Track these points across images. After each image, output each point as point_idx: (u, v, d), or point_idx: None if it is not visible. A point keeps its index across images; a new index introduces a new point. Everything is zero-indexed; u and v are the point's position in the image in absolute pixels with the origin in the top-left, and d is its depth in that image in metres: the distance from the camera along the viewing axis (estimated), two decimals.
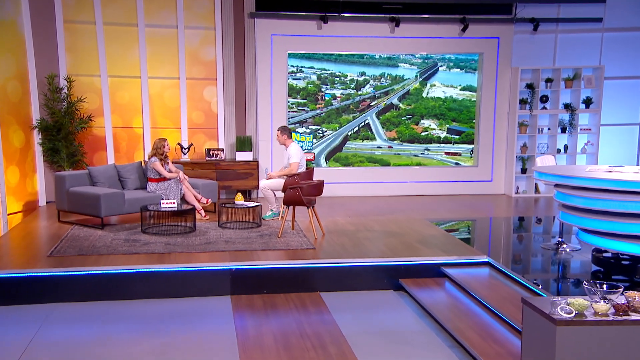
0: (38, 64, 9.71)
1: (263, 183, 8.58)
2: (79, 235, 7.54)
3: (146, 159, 8.94)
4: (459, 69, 11.27)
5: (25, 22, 9.49)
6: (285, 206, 7.75)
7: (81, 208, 8.05)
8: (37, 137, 9.72)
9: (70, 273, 6.09)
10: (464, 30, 10.83)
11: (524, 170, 11.30)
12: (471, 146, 11.42)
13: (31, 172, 9.65)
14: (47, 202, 9.87)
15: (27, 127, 9.58)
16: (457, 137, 11.39)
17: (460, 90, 11.33)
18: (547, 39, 11.20)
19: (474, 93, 11.34)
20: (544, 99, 11.19)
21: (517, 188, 11.35)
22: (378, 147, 11.15)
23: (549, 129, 11.23)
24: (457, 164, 11.37)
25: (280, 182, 8.46)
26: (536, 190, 11.34)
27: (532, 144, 11.24)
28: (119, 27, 10.20)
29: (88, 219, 8.31)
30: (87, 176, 8.46)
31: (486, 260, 6.61)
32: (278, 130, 8.74)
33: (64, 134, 9.67)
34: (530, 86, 11.00)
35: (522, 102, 11.07)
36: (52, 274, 6.07)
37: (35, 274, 6.05)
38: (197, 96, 10.61)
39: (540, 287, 5.51)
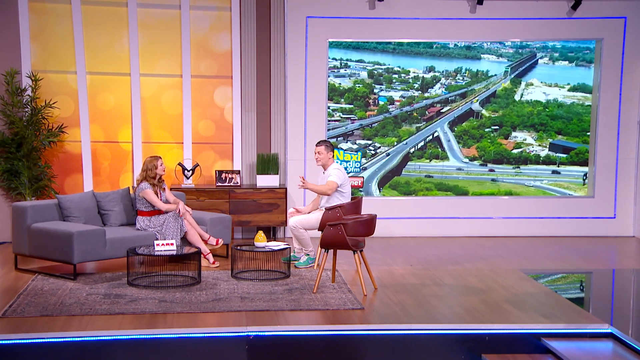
0: None
1: (294, 220, 8.56)
2: (43, 288, 7.63)
3: (134, 185, 9.05)
4: (567, 62, 11.19)
5: None
6: (323, 250, 7.72)
7: (47, 251, 8.15)
8: None
9: (30, 341, 6.12)
10: (575, 7, 10.76)
11: None
12: (585, 169, 11.27)
13: None
14: (0, 243, 10.08)
15: None
16: (564, 155, 11.26)
17: (569, 90, 11.23)
18: None
19: (588, 95, 11.22)
20: None
21: None
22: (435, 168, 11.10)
23: None
24: (563, 193, 11.24)
25: (317, 218, 8.45)
26: None
27: None
28: (102, 8, 10.44)
29: (56, 266, 8.41)
30: (56, 208, 8.59)
31: (608, 330, 6.51)
32: (320, 146, 8.66)
33: (25, 150, 9.89)
34: None
35: None
36: (6, 341, 6.09)
37: None
38: (205, 100, 10.76)
39: None
